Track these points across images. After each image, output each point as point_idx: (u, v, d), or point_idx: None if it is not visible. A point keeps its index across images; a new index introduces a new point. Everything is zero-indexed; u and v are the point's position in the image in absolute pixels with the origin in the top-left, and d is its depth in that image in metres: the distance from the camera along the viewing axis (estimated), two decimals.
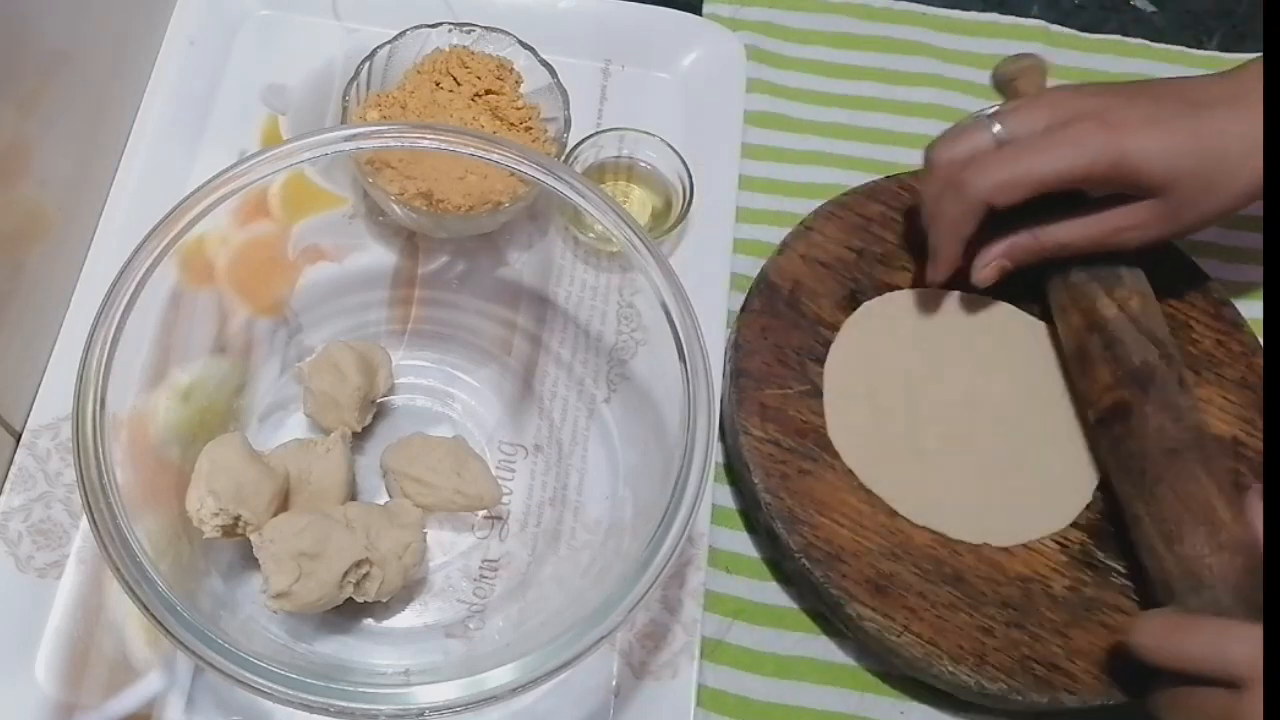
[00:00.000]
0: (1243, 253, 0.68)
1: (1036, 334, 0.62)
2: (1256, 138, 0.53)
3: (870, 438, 0.58)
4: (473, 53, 0.63)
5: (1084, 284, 0.59)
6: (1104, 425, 0.57)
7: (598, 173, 0.65)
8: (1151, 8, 0.77)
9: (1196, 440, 0.54)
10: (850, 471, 0.57)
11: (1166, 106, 0.55)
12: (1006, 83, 0.69)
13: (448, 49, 0.63)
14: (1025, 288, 0.62)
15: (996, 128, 0.57)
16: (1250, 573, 0.50)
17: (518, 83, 0.63)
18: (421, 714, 0.42)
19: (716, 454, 0.60)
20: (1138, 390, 0.55)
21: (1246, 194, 0.55)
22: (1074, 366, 0.59)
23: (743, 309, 0.62)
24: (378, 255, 0.63)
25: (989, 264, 0.59)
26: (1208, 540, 0.51)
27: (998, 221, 0.57)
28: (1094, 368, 0.58)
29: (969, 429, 0.59)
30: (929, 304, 0.62)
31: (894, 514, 0.57)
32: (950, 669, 0.53)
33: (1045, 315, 0.62)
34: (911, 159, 0.68)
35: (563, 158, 0.62)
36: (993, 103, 0.63)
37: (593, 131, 0.64)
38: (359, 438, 0.57)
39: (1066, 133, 0.55)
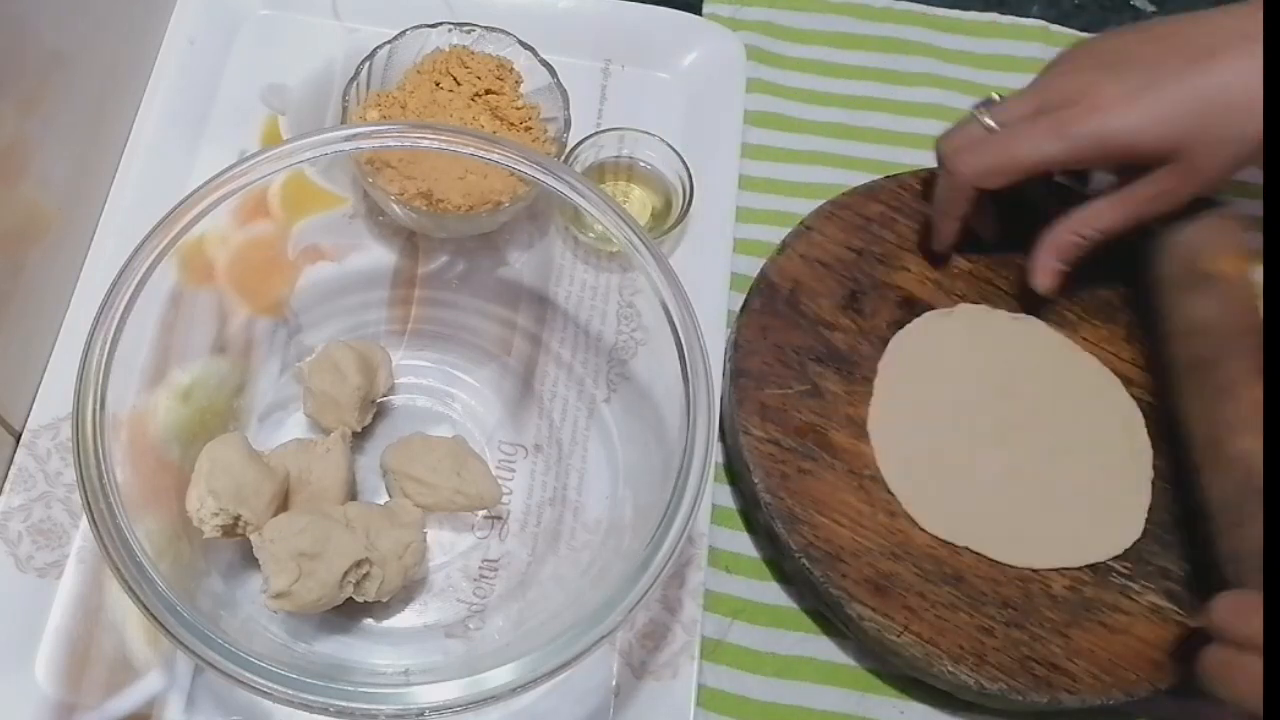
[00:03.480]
0: None
1: (1072, 352, 0.62)
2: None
3: (922, 467, 0.58)
4: (473, 53, 0.63)
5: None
6: None
7: (598, 173, 0.65)
8: (1151, 8, 0.77)
9: None
10: (850, 472, 0.57)
11: (1165, 66, 0.54)
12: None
13: (448, 49, 0.63)
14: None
15: (987, 119, 0.58)
16: None
17: (518, 83, 0.63)
18: (421, 714, 0.42)
19: (716, 454, 0.60)
20: None
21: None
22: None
23: (743, 309, 0.62)
24: (378, 255, 0.63)
25: (1044, 270, 0.59)
26: None
27: (1039, 220, 0.59)
28: None
29: (1024, 453, 0.58)
30: (977, 324, 0.62)
31: (894, 514, 0.56)
32: (950, 669, 0.53)
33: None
34: (911, 159, 0.68)
35: (563, 158, 0.62)
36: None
37: (593, 131, 0.64)
38: (359, 438, 0.57)
39: (1049, 119, 0.55)
